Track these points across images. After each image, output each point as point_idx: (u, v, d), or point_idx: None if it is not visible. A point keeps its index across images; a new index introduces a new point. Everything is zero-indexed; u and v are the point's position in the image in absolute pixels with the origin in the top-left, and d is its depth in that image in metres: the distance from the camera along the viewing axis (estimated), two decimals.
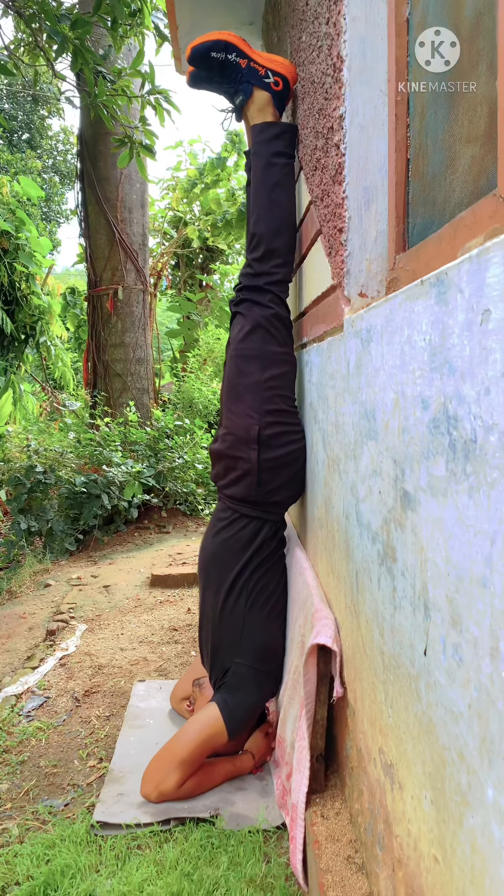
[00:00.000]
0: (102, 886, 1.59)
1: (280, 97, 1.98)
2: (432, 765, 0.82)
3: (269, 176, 1.94)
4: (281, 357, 1.95)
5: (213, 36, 1.93)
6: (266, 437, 1.90)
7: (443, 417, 0.74)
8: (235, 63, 1.93)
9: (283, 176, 1.95)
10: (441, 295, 0.74)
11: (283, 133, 1.96)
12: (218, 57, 1.93)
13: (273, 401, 1.92)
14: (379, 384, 1.04)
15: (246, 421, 1.91)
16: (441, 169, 1.07)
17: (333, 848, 1.36)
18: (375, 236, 1.33)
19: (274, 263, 1.95)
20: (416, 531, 0.86)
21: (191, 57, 1.95)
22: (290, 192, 1.97)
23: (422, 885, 0.88)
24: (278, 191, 1.94)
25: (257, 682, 1.96)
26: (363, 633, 1.22)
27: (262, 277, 1.95)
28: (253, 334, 1.95)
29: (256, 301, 1.96)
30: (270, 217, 1.93)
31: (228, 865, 1.64)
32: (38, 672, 2.81)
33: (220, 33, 1.93)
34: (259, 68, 1.94)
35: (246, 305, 1.99)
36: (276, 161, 1.93)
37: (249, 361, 1.94)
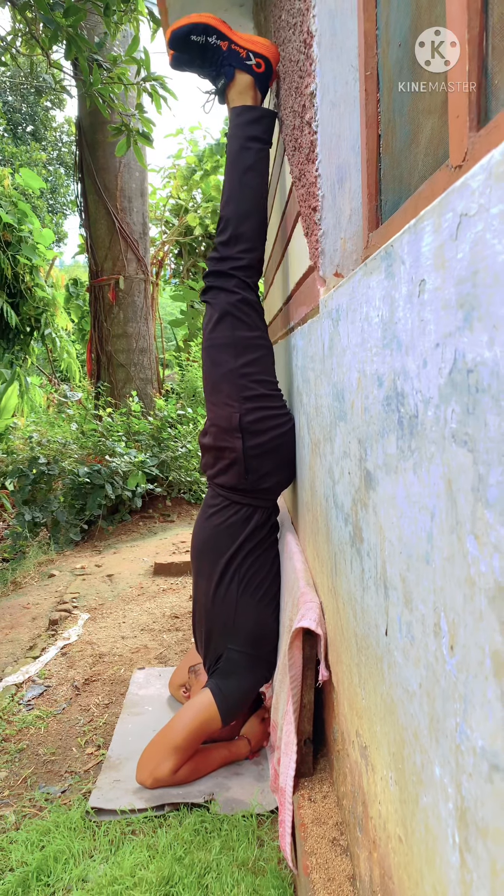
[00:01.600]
0: (95, 871, 1.60)
1: (262, 79, 1.94)
2: (395, 745, 0.81)
3: (242, 159, 1.91)
4: (253, 342, 1.92)
5: (192, 19, 1.90)
6: (248, 424, 1.88)
7: (393, 394, 0.72)
8: (216, 46, 1.90)
9: (256, 161, 1.91)
10: (389, 268, 0.72)
11: (262, 118, 1.93)
12: (198, 40, 1.90)
13: (250, 387, 1.90)
14: (346, 364, 1.03)
15: (226, 410, 1.90)
16: (407, 142, 1.05)
17: (319, 831, 1.36)
18: (350, 214, 1.31)
19: (240, 248, 1.91)
20: (376, 510, 0.85)
21: (171, 40, 1.92)
22: (263, 177, 1.93)
23: (390, 866, 0.87)
24: (250, 175, 1.90)
25: (250, 668, 1.96)
26: (341, 615, 1.22)
27: (227, 262, 1.92)
28: (221, 322, 1.92)
29: (222, 287, 1.93)
30: (240, 200, 1.90)
31: (220, 849, 1.64)
32: (39, 661, 2.83)
33: (199, 16, 1.90)
34: (240, 50, 1.90)
35: (212, 293, 1.96)
36: (250, 145, 1.90)
37: (221, 350, 1.92)
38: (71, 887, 1.56)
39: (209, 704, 1.90)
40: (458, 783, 0.55)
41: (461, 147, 0.71)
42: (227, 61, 1.91)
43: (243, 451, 1.88)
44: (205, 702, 1.91)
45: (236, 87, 1.93)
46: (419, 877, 0.71)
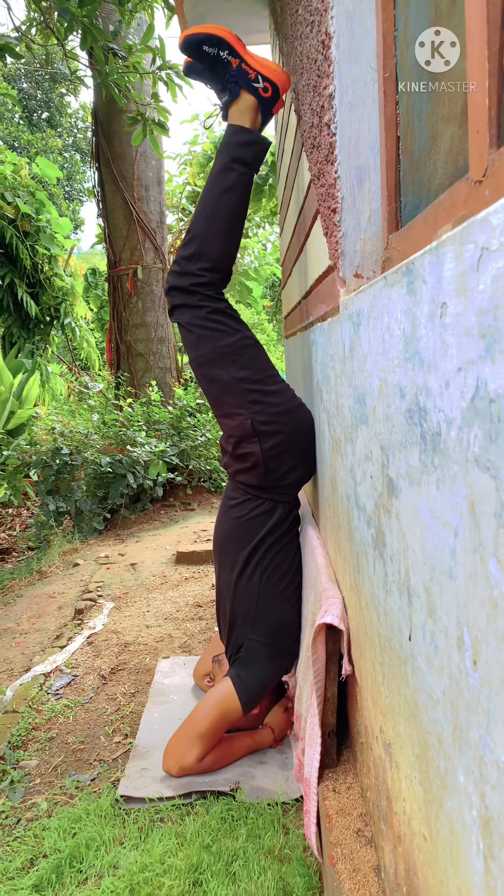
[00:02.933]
0: (126, 858, 1.65)
1: (267, 103, 1.91)
2: (419, 747, 0.84)
3: (223, 179, 1.88)
4: (237, 346, 1.90)
5: (207, 29, 1.88)
6: (260, 426, 1.89)
7: (415, 408, 0.74)
8: (227, 61, 1.88)
9: (236, 183, 1.88)
10: (410, 284, 0.73)
11: (253, 143, 1.89)
12: (210, 52, 1.88)
13: (252, 390, 1.90)
14: (367, 369, 1.04)
15: (237, 420, 1.91)
16: (426, 147, 1.06)
17: (344, 821, 1.39)
18: (369, 215, 1.32)
19: (202, 266, 1.89)
20: (399, 518, 0.87)
21: (183, 46, 1.90)
22: (241, 200, 1.90)
23: (415, 862, 0.90)
24: (228, 196, 1.88)
25: (270, 658, 2.00)
26: (364, 613, 1.24)
27: (187, 277, 1.90)
28: (201, 341, 1.91)
29: (188, 305, 1.91)
30: (212, 219, 1.88)
31: (247, 837, 1.69)
32: (66, 651, 2.88)
33: (215, 28, 1.88)
34: (249, 71, 1.88)
35: (179, 313, 1.94)
36: (234, 167, 1.88)
37: (212, 366, 1.91)
38: (103, 874, 1.61)
39: (230, 693, 1.93)
40: (482, 793, 0.58)
41: (481, 162, 0.72)
42: (234, 79, 1.89)
43: (262, 454, 1.90)
44: (226, 691, 1.94)
45: (238, 105, 1.90)
46: (444, 876, 0.74)
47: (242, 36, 3.98)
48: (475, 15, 0.72)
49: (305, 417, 2.00)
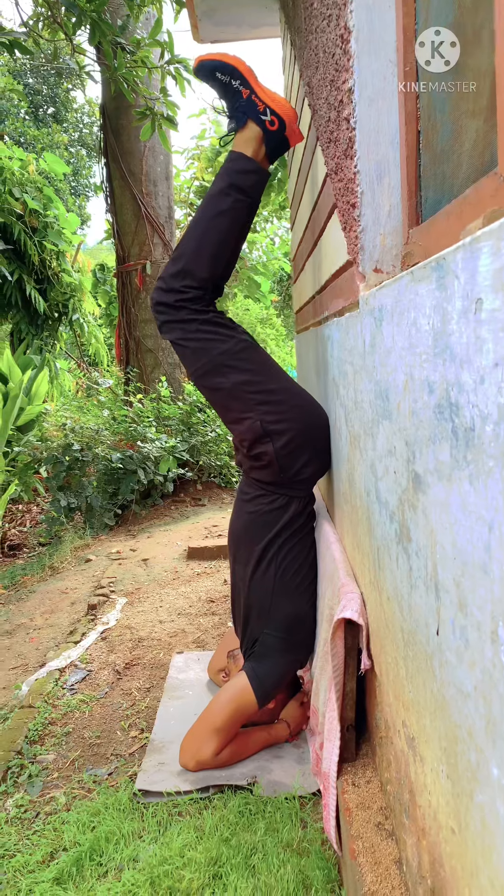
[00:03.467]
0: (145, 852, 1.66)
1: (272, 136, 1.93)
2: (447, 740, 0.84)
3: (218, 202, 1.89)
4: (234, 353, 1.90)
5: (221, 57, 1.90)
6: (270, 425, 1.90)
7: (446, 403, 0.74)
8: (237, 91, 1.90)
9: (231, 209, 1.89)
10: (440, 280, 0.73)
11: (252, 172, 1.91)
12: (222, 79, 1.91)
13: (256, 392, 1.90)
14: (391, 364, 1.04)
15: (246, 423, 1.92)
16: (449, 142, 1.05)
17: (364, 815, 1.39)
18: (389, 210, 1.31)
19: (186, 283, 1.88)
20: (426, 513, 0.87)
21: (197, 70, 1.93)
22: (234, 224, 1.91)
23: (441, 855, 0.90)
24: (221, 219, 1.89)
25: (285, 652, 2.00)
26: (385, 609, 1.24)
27: (172, 294, 1.90)
28: (196, 354, 1.92)
29: (175, 321, 1.91)
30: (201, 239, 1.88)
31: (265, 831, 1.69)
32: (80, 646, 2.90)
33: (230, 57, 1.90)
34: (258, 103, 1.90)
35: (168, 329, 1.95)
36: (230, 192, 1.89)
37: (211, 376, 1.92)
38: (123, 867, 1.62)
39: (245, 687, 1.94)
40: None
41: None
42: (242, 109, 1.91)
43: (275, 454, 1.91)
44: (241, 685, 1.95)
45: (244, 134, 1.92)
46: (474, 868, 0.74)
47: (253, 29, 3.99)
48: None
49: (316, 411, 2.01)
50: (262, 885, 1.52)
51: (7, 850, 1.72)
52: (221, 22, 3.97)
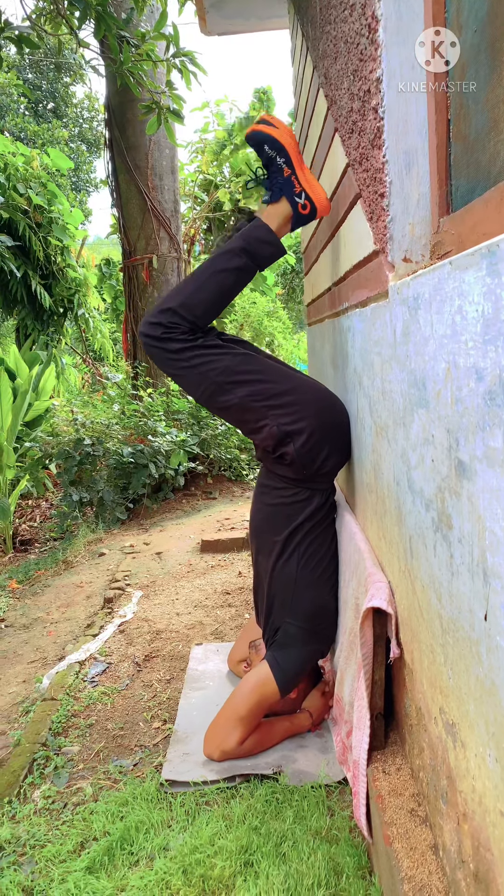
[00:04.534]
0: (175, 840, 1.67)
1: (301, 220, 1.98)
2: (496, 725, 0.85)
3: (227, 259, 1.92)
4: (232, 369, 1.91)
5: (272, 131, 1.93)
6: (288, 426, 1.91)
7: (499, 389, 0.74)
8: (280, 167, 1.95)
9: (238, 269, 1.93)
10: (493, 266, 0.74)
11: (270, 245, 1.95)
12: (269, 153, 1.95)
13: (264, 400, 1.91)
14: (429, 353, 1.05)
15: (265, 431, 1.93)
16: (484, 130, 1.05)
17: (396, 802, 1.41)
18: (418, 199, 1.31)
19: (174, 320, 1.89)
20: (472, 500, 0.87)
21: (248, 137, 1.99)
22: (234, 285, 1.94)
23: (489, 838, 0.91)
24: (225, 276, 1.92)
25: (306, 641, 2.01)
26: (419, 597, 1.25)
27: (159, 327, 1.90)
28: (195, 381, 1.93)
29: (166, 351, 1.91)
30: (199, 288, 1.91)
31: (294, 819, 1.71)
32: (98, 639, 2.91)
33: (281, 133, 1.93)
34: (297, 185, 1.95)
35: (161, 364, 1.96)
36: (242, 255, 1.92)
37: (217, 396, 1.93)
38: (154, 856, 1.64)
39: (267, 676, 1.96)
40: None
41: None
42: (280, 185, 1.96)
43: (296, 453, 1.92)
44: (263, 674, 1.97)
45: (275, 208, 1.97)
46: None
47: (261, 21, 3.98)
48: None
49: (329, 401, 2.02)
50: (293, 872, 1.53)
51: (38, 840, 1.74)
52: (229, 14, 3.97)
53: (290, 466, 1.98)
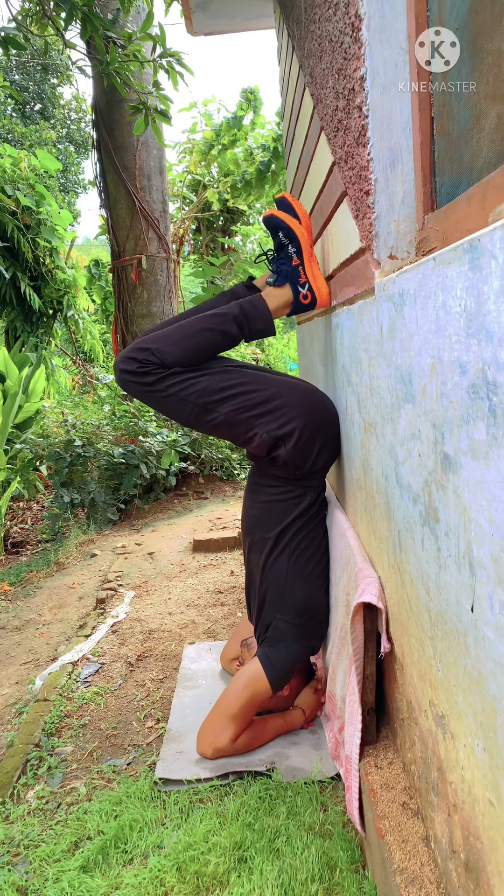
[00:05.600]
0: (169, 838, 1.68)
1: (300, 307, 2.03)
2: (483, 714, 0.86)
3: (216, 320, 1.95)
4: (212, 389, 1.92)
5: (290, 221, 1.98)
6: (276, 431, 1.92)
7: (482, 383, 0.75)
8: (289, 255, 2.00)
9: (223, 331, 1.94)
10: (475, 261, 0.75)
11: (263, 321, 1.99)
12: (282, 240, 2.01)
13: (251, 411, 1.92)
14: (414, 348, 1.06)
15: (255, 440, 1.94)
16: (467, 127, 1.07)
17: (388, 795, 1.41)
18: (402, 197, 1.33)
19: (150, 359, 1.89)
20: (458, 493, 0.88)
21: (266, 219, 2.03)
22: (216, 345, 1.95)
23: (478, 827, 0.92)
24: (210, 335, 1.94)
25: (297, 637, 2.02)
26: (408, 590, 1.26)
27: (134, 363, 1.90)
28: (176, 408, 1.95)
29: (143, 384, 1.92)
30: (182, 338, 1.92)
31: (287, 815, 1.71)
32: (91, 640, 2.91)
33: (296, 224, 1.98)
34: (302, 275, 1.99)
35: (141, 398, 1.97)
36: (233, 322, 1.95)
37: (201, 418, 1.94)
38: (148, 853, 1.64)
39: (258, 673, 1.96)
40: None
41: None
42: (286, 272, 2.02)
43: (288, 455, 1.94)
44: (254, 671, 1.97)
45: (277, 291, 2.02)
46: None
47: (247, 21, 3.98)
48: None
49: (315, 397, 2.04)
50: (287, 868, 1.54)
51: (32, 840, 1.74)
52: (215, 14, 3.98)
53: (282, 468, 2.00)
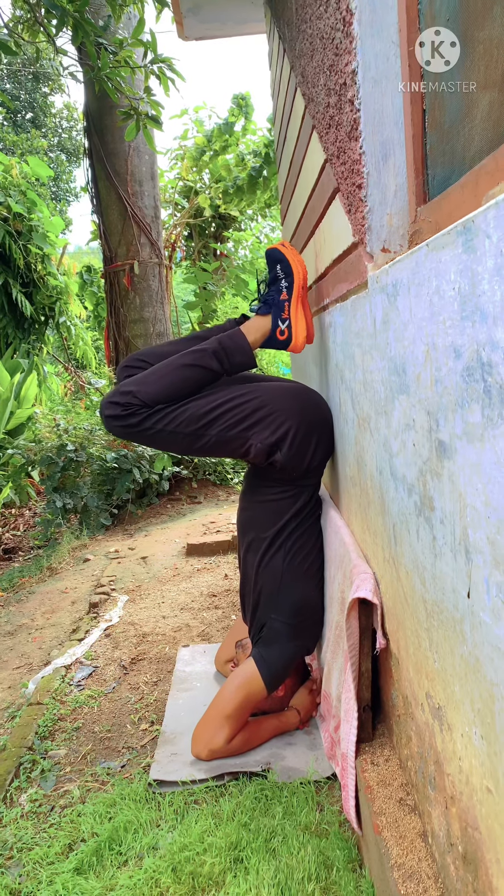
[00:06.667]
0: (164, 839, 1.66)
1: (272, 341, 2.05)
2: (481, 701, 0.85)
3: (197, 356, 1.96)
4: (198, 415, 1.92)
5: (291, 258, 2.02)
6: (268, 438, 1.93)
7: (476, 365, 0.75)
8: (280, 289, 2.03)
9: (204, 367, 1.95)
10: (468, 242, 0.75)
11: (242, 354, 2.00)
12: (278, 273, 2.04)
13: (242, 425, 1.93)
14: (408, 338, 1.05)
15: (252, 451, 1.95)
16: (459, 118, 1.07)
17: (385, 792, 1.40)
18: (395, 190, 1.33)
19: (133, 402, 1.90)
20: (453, 479, 0.88)
21: (267, 252, 2.08)
22: (199, 382, 1.96)
23: (476, 817, 0.91)
24: (191, 370, 1.94)
25: (292, 637, 2.01)
26: (403, 583, 1.25)
27: (118, 407, 1.91)
28: (167, 441, 1.96)
29: (131, 426, 1.92)
30: (162, 376, 1.93)
31: (283, 815, 1.70)
32: (84, 643, 2.89)
33: (298, 264, 2.03)
34: (286, 310, 2.02)
35: (129, 437, 1.98)
36: (213, 357, 1.96)
37: (194, 444, 1.95)
38: (143, 855, 1.62)
39: (253, 673, 1.95)
40: None
41: None
42: (272, 303, 2.04)
43: (284, 459, 1.95)
44: (249, 671, 1.96)
45: (259, 322, 2.05)
46: None
47: (238, 25, 4.00)
48: None
49: (306, 398, 2.04)
50: (283, 867, 1.52)
51: (25, 843, 1.72)
52: (206, 19, 3.99)
53: (281, 471, 2.00)
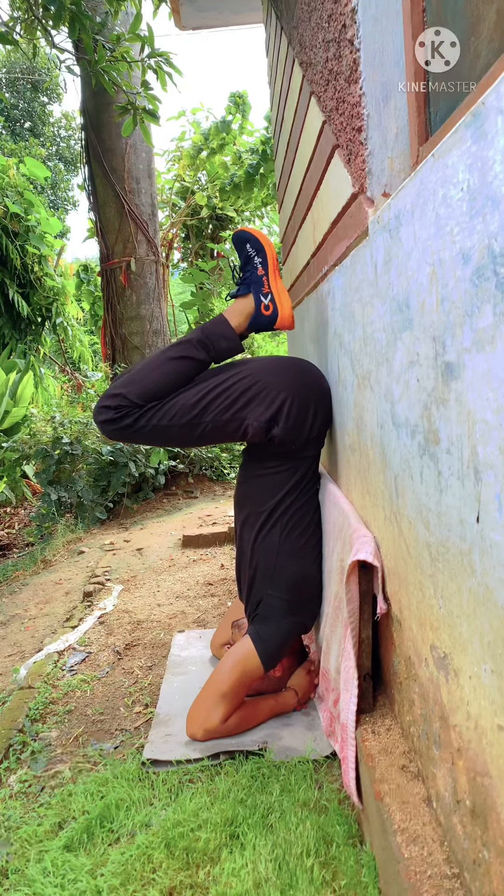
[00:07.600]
0: (158, 816, 1.60)
1: (259, 319, 2.02)
2: (492, 632, 0.80)
3: (184, 349, 1.94)
4: (189, 405, 1.90)
5: (259, 235, 2.03)
6: (263, 414, 1.89)
7: (487, 261, 0.70)
8: (255, 266, 2.02)
9: (191, 358, 1.94)
10: (478, 129, 0.70)
11: (228, 340, 1.98)
12: (249, 251, 2.03)
13: (235, 406, 1.90)
14: (412, 267, 1.01)
15: (250, 430, 1.91)
16: (465, 38, 1.03)
17: (387, 760, 1.35)
18: (396, 133, 1.29)
19: (122, 403, 1.89)
20: (461, 399, 0.83)
21: (233, 235, 2.08)
22: (187, 373, 1.94)
23: (485, 762, 0.86)
24: (178, 363, 1.93)
25: (288, 613, 1.96)
26: (406, 536, 1.20)
27: (110, 411, 1.90)
28: (165, 434, 1.93)
29: (123, 428, 1.91)
30: (149, 372, 1.91)
31: (281, 792, 1.64)
32: (78, 630, 2.83)
33: (264, 239, 2.03)
34: (266, 285, 2.01)
35: (125, 438, 1.97)
36: (199, 348, 1.95)
37: (191, 434, 1.93)
38: (135, 832, 1.56)
39: (249, 650, 1.90)
40: None
41: None
42: (250, 281, 2.03)
43: (283, 432, 1.90)
44: (245, 648, 1.91)
45: (240, 303, 2.04)
46: None
47: (234, 14, 3.99)
48: None
49: (294, 369, 2.00)
50: (281, 842, 1.46)
51: (13, 822, 1.66)
52: (203, 7, 3.98)
53: (280, 445, 1.95)
